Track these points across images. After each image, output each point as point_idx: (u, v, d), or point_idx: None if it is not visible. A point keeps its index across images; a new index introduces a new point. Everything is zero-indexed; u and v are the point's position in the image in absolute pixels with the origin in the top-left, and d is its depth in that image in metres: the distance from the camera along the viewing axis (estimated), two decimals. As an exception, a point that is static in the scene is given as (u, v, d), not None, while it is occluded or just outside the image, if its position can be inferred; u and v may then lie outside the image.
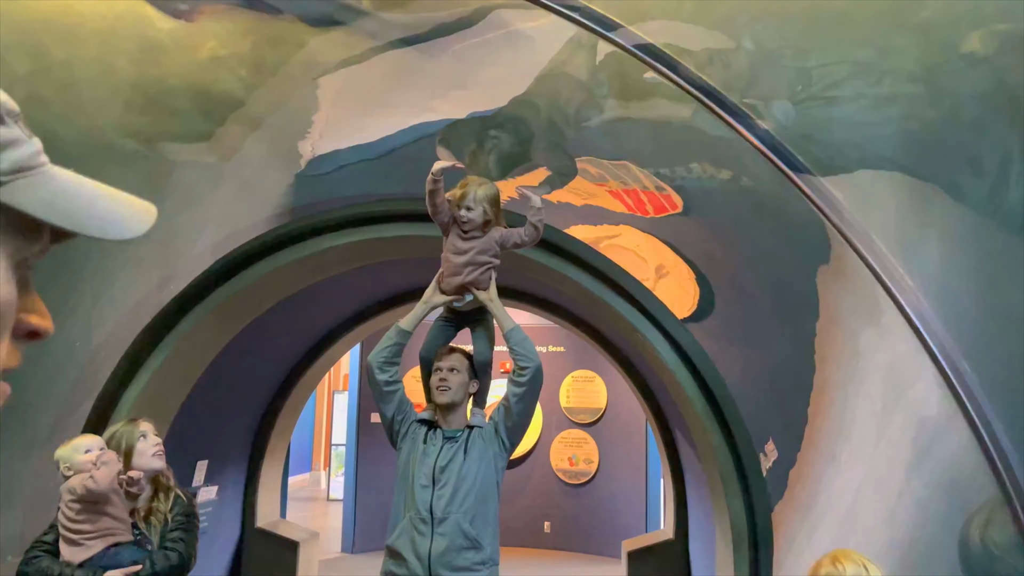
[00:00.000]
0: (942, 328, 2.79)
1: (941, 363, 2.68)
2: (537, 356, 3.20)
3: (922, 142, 2.91)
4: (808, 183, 2.93)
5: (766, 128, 2.97)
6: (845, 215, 2.93)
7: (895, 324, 3.03)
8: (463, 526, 3.07)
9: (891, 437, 3.39)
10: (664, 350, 4.63)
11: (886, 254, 2.87)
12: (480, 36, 3.74)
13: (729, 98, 2.99)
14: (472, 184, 3.20)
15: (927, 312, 2.83)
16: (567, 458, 10.63)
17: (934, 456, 3.03)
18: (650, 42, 3.24)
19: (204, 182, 4.45)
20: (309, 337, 6.83)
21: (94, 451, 2.94)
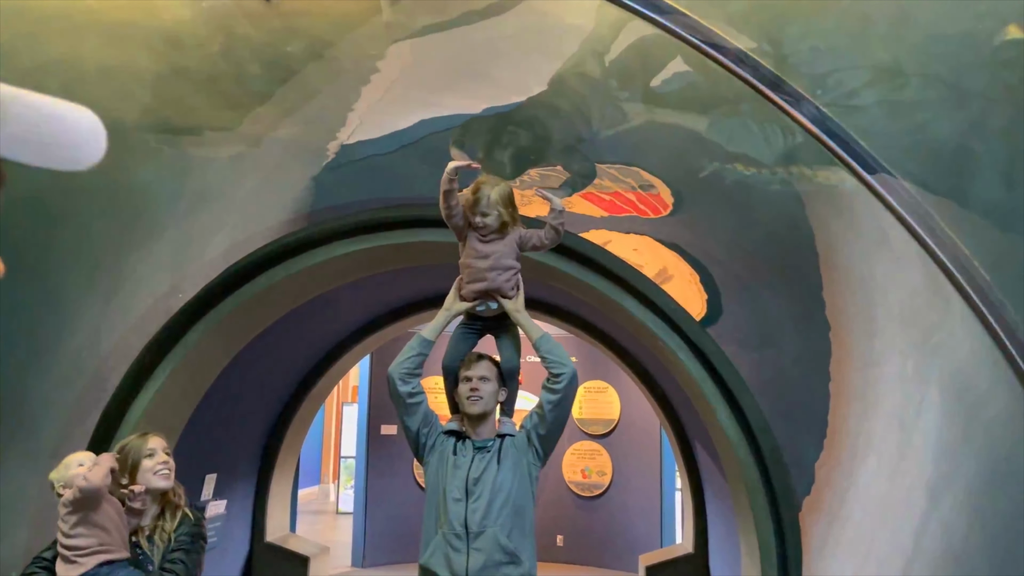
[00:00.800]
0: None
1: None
2: (571, 362, 3.10)
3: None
4: (882, 181, 2.82)
5: (820, 112, 2.86)
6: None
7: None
8: (500, 540, 2.93)
9: (922, 424, 3.27)
10: (684, 356, 4.50)
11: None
12: (507, 27, 3.64)
13: (784, 80, 2.87)
14: (485, 186, 3.09)
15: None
16: (580, 470, 10.48)
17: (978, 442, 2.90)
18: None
19: (222, 180, 4.36)
20: (319, 348, 6.73)
21: (87, 464, 2.84)
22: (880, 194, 2.84)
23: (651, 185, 4.06)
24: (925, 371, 3.24)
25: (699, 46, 3.14)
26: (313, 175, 4.42)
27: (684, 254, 4.41)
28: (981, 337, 2.65)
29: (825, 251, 3.62)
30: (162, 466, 3.00)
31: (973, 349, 2.74)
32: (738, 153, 3.66)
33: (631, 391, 9.10)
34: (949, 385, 3.07)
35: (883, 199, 2.83)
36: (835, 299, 3.69)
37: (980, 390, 2.82)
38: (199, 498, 5.43)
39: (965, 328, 2.73)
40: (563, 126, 4.06)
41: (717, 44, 3.13)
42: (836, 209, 3.36)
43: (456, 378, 3.18)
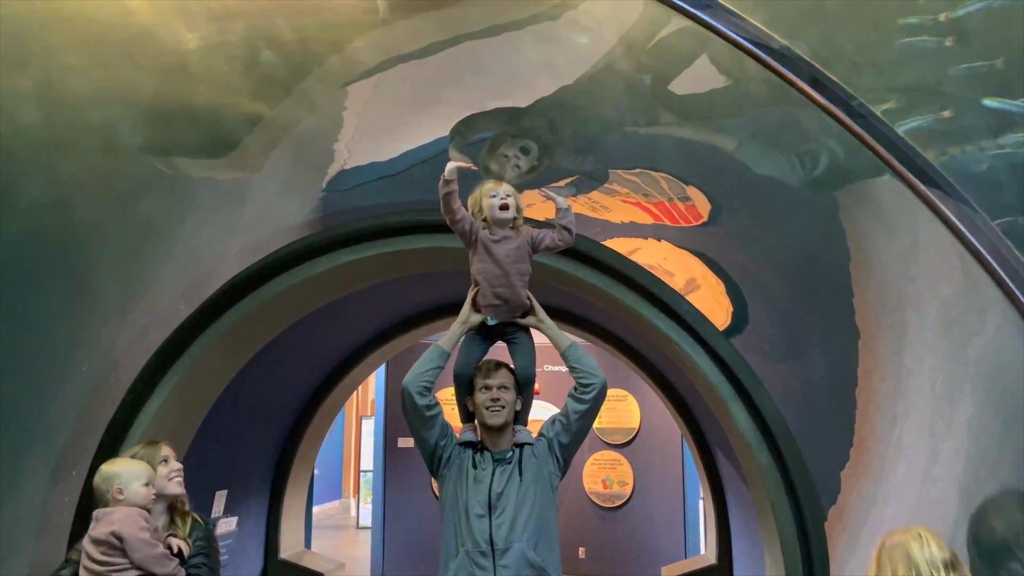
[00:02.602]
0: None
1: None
2: (600, 371, 3.03)
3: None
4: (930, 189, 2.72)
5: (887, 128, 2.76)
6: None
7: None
8: (528, 555, 2.82)
9: (955, 432, 3.17)
10: (705, 365, 4.37)
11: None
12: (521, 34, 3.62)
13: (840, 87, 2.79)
14: (494, 182, 3.06)
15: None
16: (601, 481, 10.33)
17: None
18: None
19: (228, 196, 4.38)
20: (331, 358, 6.65)
21: (152, 486, 2.88)
22: (928, 198, 2.73)
23: (687, 197, 3.99)
24: (959, 379, 3.14)
25: (743, 44, 3.05)
26: (321, 183, 4.38)
27: (712, 264, 4.36)
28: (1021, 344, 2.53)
29: (858, 261, 3.54)
30: (176, 473, 3.05)
31: (1012, 357, 2.62)
32: (765, 176, 3.60)
33: (650, 399, 8.97)
34: (985, 391, 2.97)
35: (931, 204, 2.72)
36: (866, 309, 3.61)
37: (1018, 398, 2.71)
38: (209, 515, 5.35)
39: (1003, 336, 2.61)
40: (573, 129, 4.00)
41: (761, 42, 3.05)
42: (872, 219, 3.28)
43: (469, 386, 3.08)
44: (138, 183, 4.31)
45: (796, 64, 2.91)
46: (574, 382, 3.07)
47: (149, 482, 2.86)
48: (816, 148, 3.17)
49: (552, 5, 3.59)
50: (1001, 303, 2.53)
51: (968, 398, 3.19)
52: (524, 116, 3.92)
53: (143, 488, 2.83)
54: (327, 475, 15.83)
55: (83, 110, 4.28)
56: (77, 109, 4.28)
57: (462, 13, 3.79)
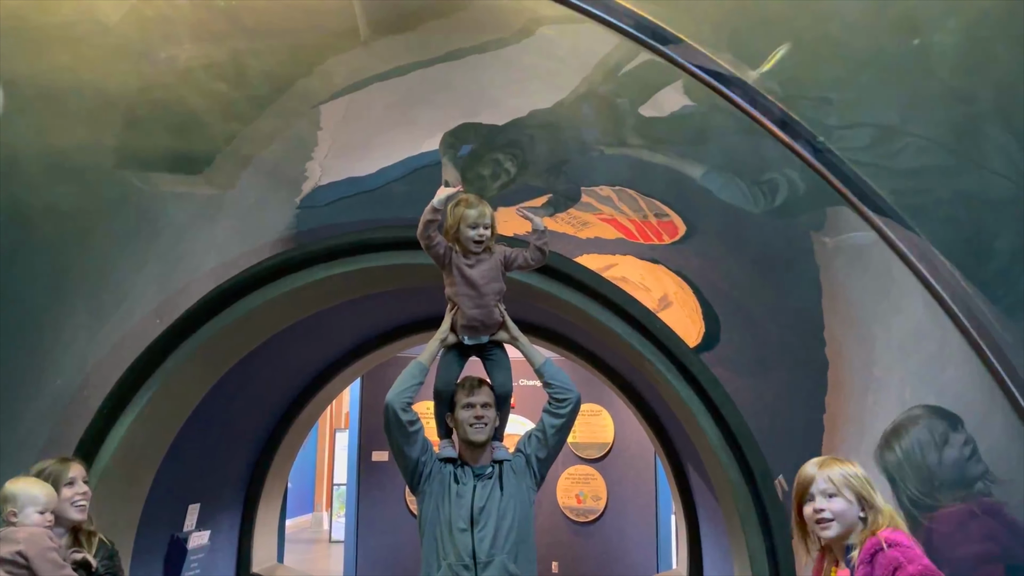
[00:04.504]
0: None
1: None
2: (574, 386, 3.13)
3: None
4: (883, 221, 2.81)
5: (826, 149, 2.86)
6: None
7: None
8: (509, 567, 2.90)
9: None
10: (676, 381, 4.45)
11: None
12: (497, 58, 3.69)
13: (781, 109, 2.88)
14: (475, 201, 3.11)
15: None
16: (575, 495, 10.36)
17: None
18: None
19: (203, 211, 4.38)
20: (306, 372, 6.65)
21: (48, 512, 2.81)
22: (883, 232, 2.83)
23: (664, 214, 4.07)
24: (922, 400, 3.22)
25: (707, 80, 3.14)
26: (295, 201, 4.40)
27: (687, 280, 4.43)
28: (980, 372, 2.62)
29: (826, 279, 3.62)
30: (80, 497, 2.96)
31: (972, 383, 2.71)
32: (728, 204, 3.69)
33: (624, 414, 9.03)
34: (944, 414, 3.05)
35: (887, 237, 2.82)
36: (835, 330, 3.69)
37: (975, 422, 2.80)
38: (181, 529, 5.31)
39: (963, 363, 2.71)
40: (548, 148, 4.07)
41: (724, 76, 3.14)
42: (842, 249, 3.36)
43: (449, 402, 3.15)
44: (113, 198, 4.30)
45: (753, 96, 3.01)
46: (548, 397, 3.14)
47: (45, 509, 2.80)
48: (776, 178, 3.27)
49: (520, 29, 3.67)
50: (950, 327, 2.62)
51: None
52: (502, 134, 3.99)
53: (37, 515, 2.77)
54: (300, 488, 15.71)
55: (56, 123, 4.26)
56: (49, 122, 4.26)
57: (438, 35, 3.85)
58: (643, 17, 3.33)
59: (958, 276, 2.60)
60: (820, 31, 3.10)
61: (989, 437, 2.79)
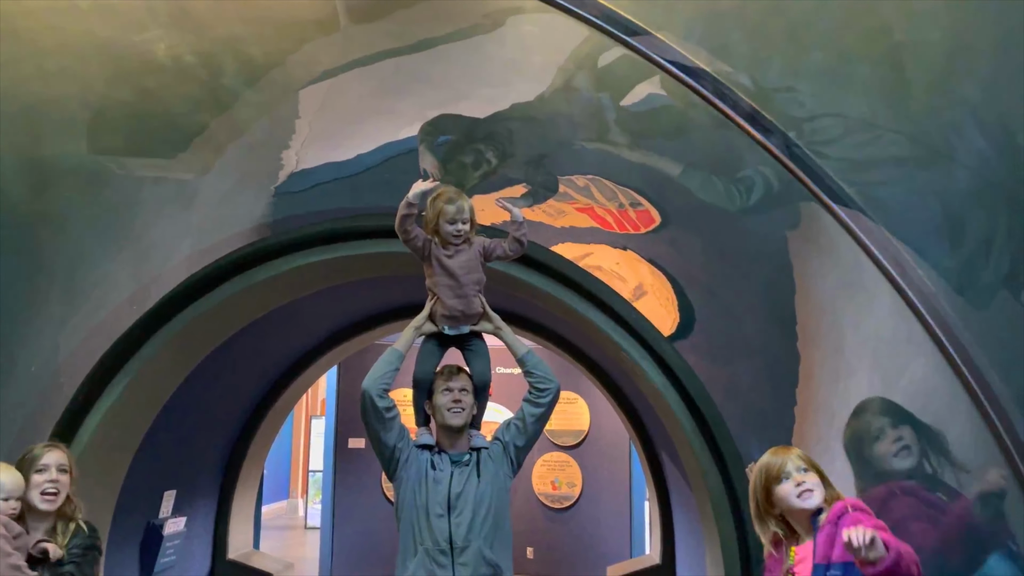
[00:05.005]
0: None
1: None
2: (555, 377, 3.20)
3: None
4: (851, 217, 2.86)
5: (792, 143, 2.90)
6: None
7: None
8: (485, 553, 2.95)
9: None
10: (650, 369, 4.50)
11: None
12: (474, 46, 3.69)
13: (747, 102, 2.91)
14: (457, 195, 3.13)
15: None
16: (550, 482, 10.45)
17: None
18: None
19: (178, 197, 4.34)
20: (283, 360, 6.63)
21: (14, 500, 2.82)
22: (849, 227, 2.88)
23: (639, 203, 4.11)
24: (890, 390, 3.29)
25: (676, 74, 3.17)
26: (272, 188, 4.39)
27: (662, 270, 4.47)
28: (942, 365, 2.69)
29: (800, 270, 3.67)
30: (50, 484, 2.92)
31: (935, 375, 2.78)
32: (707, 203, 3.74)
33: (600, 402, 9.11)
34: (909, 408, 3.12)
35: (853, 233, 2.88)
36: (807, 324, 3.75)
37: (937, 413, 2.86)
38: (157, 515, 5.30)
39: (927, 355, 2.77)
40: (529, 141, 4.09)
41: (696, 72, 3.17)
42: (814, 243, 3.41)
43: (428, 390, 3.18)
44: (87, 183, 4.26)
45: (721, 89, 3.04)
46: (527, 386, 3.19)
47: (10, 496, 2.80)
48: (752, 176, 3.32)
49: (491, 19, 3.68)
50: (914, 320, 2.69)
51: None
52: (482, 126, 4.01)
53: (1, 502, 2.78)
54: (275, 475, 15.66)
55: (30, 108, 4.22)
56: (23, 107, 4.22)
57: (412, 24, 3.85)
58: (611, 9, 3.36)
59: (923, 268, 2.67)
60: (791, 25, 3.14)
61: (953, 428, 2.86)
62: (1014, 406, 2.39)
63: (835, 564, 2.35)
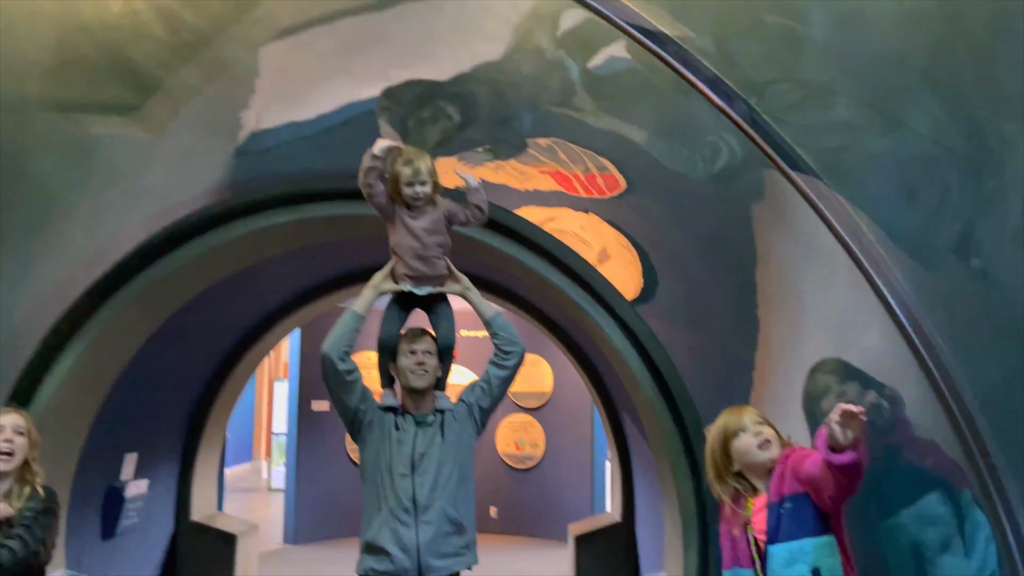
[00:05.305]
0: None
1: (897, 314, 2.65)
2: (521, 340, 3.23)
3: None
4: (809, 185, 2.89)
5: (752, 110, 2.91)
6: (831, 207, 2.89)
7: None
8: (448, 511, 2.99)
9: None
10: (613, 332, 4.56)
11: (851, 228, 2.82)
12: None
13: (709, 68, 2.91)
14: (416, 157, 3.09)
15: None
16: (513, 442, 10.59)
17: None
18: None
19: (133, 157, 4.23)
20: (245, 322, 6.59)
21: None
22: (807, 195, 2.92)
23: (605, 167, 4.10)
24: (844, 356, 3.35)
25: (641, 40, 3.15)
26: (232, 149, 4.32)
27: (626, 234, 4.49)
28: (893, 333, 2.76)
29: (761, 236, 3.71)
30: (5, 444, 2.93)
31: (888, 342, 2.85)
32: (672, 169, 3.74)
33: (564, 364, 9.20)
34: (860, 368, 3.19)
35: (810, 200, 2.92)
36: (767, 293, 3.80)
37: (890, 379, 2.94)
38: (119, 478, 5.28)
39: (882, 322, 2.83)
40: (492, 104, 4.05)
41: (657, 36, 3.15)
42: (776, 211, 3.44)
43: (392, 353, 3.18)
44: (41, 141, 4.14)
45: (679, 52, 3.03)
46: (491, 349, 3.22)
47: None
48: (716, 142, 3.33)
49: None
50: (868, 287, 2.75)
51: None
52: (445, 88, 3.96)
53: None
54: (238, 437, 15.63)
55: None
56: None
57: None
58: None
59: (877, 234, 2.73)
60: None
61: (903, 391, 2.94)
62: (961, 371, 2.47)
63: (787, 497, 2.44)
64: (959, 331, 2.54)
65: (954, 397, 2.42)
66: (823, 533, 2.40)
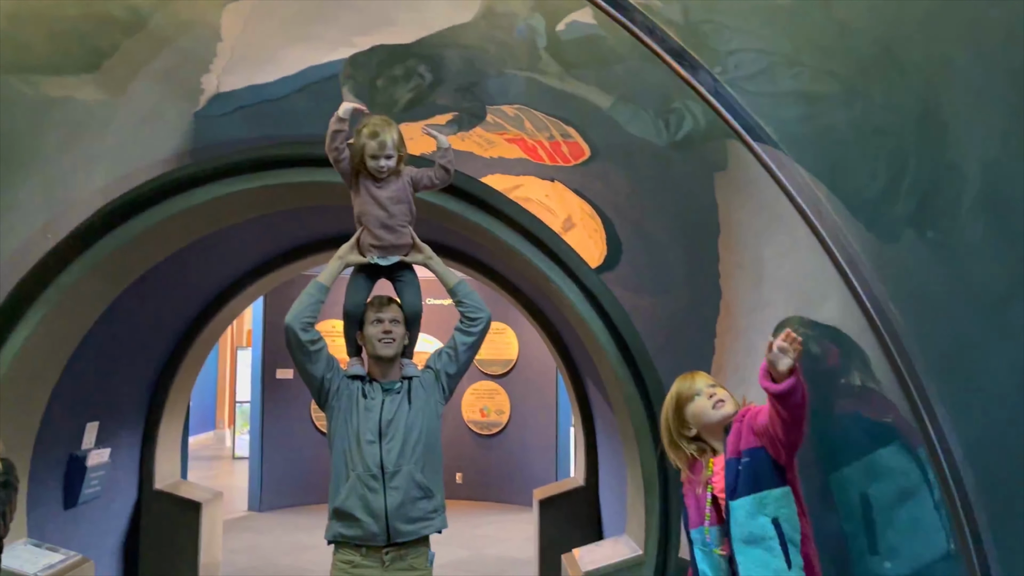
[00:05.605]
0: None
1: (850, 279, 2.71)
2: (486, 307, 3.26)
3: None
4: (770, 155, 2.90)
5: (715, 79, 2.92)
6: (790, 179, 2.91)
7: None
8: (416, 477, 3.02)
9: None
10: (577, 300, 4.61)
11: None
12: None
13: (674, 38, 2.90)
14: (383, 129, 3.06)
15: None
16: (479, 409, 10.67)
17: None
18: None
19: (91, 119, 4.12)
20: (208, 290, 6.51)
21: None
22: (769, 166, 2.94)
23: (569, 135, 4.09)
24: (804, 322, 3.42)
25: (607, 10, 3.12)
26: (192, 113, 4.23)
27: (590, 202, 4.49)
28: (850, 303, 2.81)
29: (723, 206, 3.74)
30: None
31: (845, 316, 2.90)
32: (636, 136, 3.74)
33: (528, 332, 9.27)
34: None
35: (771, 172, 2.94)
36: (728, 255, 3.83)
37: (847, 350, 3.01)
38: (80, 447, 5.23)
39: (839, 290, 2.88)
40: (458, 68, 4.01)
41: (623, 5, 3.12)
42: (738, 180, 3.46)
43: (359, 322, 3.19)
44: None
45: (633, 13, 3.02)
46: (457, 316, 3.24)
47: None
48: (680, 109, 3.34)
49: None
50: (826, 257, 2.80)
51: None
52: (410, 52, 3.91)
53: None
54: (201, 406, 15.53)
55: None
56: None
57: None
58: None
59: (835, 204, 2.77)
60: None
61: (860, 359, 3.02)
62: (914, 339, 2.54)
63: (744, 452, 2.52)
64: (914, 301, 2.60)
65: (905, 364, 2.49)
66: (780, 485, 2.49)
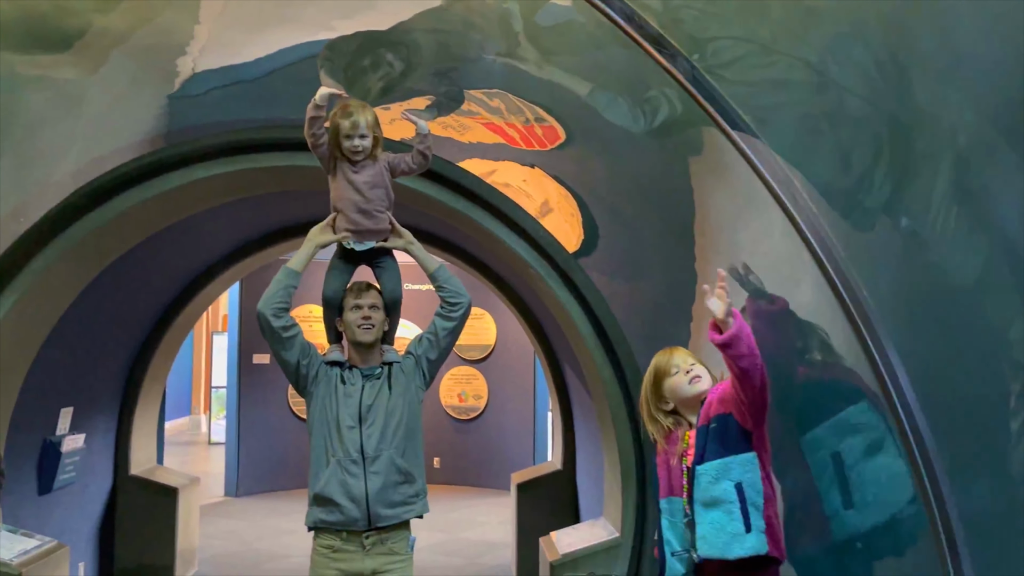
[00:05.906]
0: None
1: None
2: (466, 292, 3.24)
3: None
4: (746, 142, 2.92)
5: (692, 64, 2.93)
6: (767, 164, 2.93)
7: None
8: (396, 461, 3.03)
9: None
10: (555, 285, 4.63)
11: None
12: None
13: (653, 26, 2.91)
14: (357, 110, 3.05)
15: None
16: (457, 394, 10.70)
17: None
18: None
19: (62, 102, 4.05)
20: (184, 275, 6.46)
21: None
22: (745, 153, 2.96)
23: (543, 118, 4.09)
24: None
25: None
26: (167, 95, 4.17)
27: (568, 187, 4.49)
28: (824, 290, 2.85)
29: (699, 190, 3.76)
30: None
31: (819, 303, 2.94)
32: (612, 123, 3.74)
33: (507, 317, 9.29)
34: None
35: (748, 158, 2.96)
36: (704, 241, 3.86)
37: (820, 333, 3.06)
38: (54, 433, 5.18)
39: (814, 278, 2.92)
40: (434, 53, 3.99)
41: None
42: (714, 167, 3.48)
43: (338, 308, 3.18)
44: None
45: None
46: (437, 301, 3.23)
47: None
48: (657, 97, 3.35)
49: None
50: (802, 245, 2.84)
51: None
52: (387, 38, 3.89)
53: None
54: (176, 391, 15.41)
55: None
56: None
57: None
58: None
59: (811, 192, 2.80)
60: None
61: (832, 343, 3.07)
62: (886, 324, 2.59)
63: (713, 418, 2.61)
64: (886, 288, 2.65)
65: (877, 348, 2.54)
66: (747, 450, 2.57)
